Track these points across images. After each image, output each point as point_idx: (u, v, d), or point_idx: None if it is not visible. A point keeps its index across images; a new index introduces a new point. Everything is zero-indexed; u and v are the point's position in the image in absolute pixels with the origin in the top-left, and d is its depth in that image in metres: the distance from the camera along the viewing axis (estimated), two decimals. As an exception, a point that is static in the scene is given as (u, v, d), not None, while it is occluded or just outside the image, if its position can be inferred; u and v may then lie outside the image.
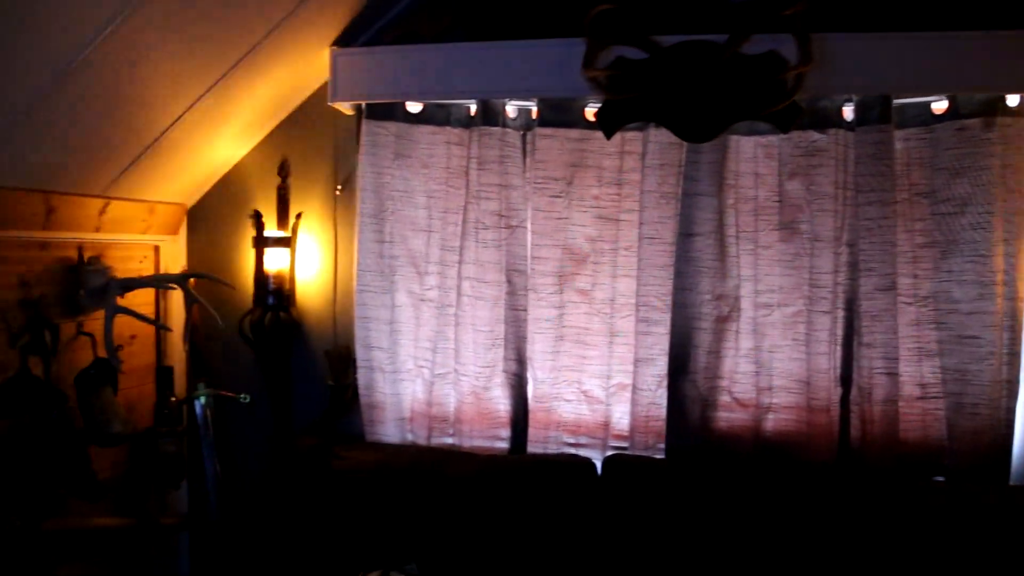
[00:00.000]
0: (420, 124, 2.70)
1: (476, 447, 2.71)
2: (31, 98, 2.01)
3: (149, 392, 2.91)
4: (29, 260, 2.39)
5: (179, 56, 2.25)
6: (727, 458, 2.55)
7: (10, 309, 2.31)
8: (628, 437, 2.64)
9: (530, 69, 2.52)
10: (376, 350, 2.74)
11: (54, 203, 2.39)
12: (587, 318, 2.65)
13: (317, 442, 2.69)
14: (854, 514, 2.26)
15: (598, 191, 2.62)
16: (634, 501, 2.40)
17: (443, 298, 2.72)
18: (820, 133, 2.46)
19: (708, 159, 2.52)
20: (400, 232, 2.73)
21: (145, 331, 2.87)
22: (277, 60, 2.56)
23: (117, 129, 2.36)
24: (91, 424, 2.51)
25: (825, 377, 2.50)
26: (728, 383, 2.57)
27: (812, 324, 2.50)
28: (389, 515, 2.45)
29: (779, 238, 2.53)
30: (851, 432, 2.50)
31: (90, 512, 2.59)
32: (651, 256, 2.55)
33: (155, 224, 2.86)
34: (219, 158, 2.91)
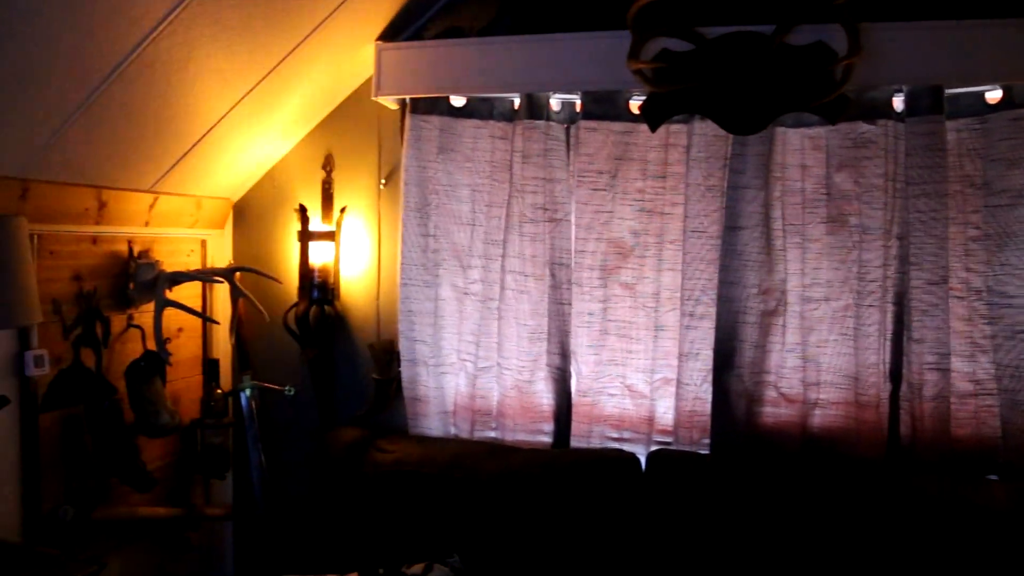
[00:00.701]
0: (464, 118, 2.71)
1: (519, 441, 2.71)
2: (85, 96, 2.05)
3: (196, 384, 2.96)
4: (81, 254, 2.45)
5: (227, 53, 2.28)
6: (773, 454, 2.52)
7: (64, 302, 2.36)
8: (672, 432, 2.62)
9: (574, 62, 2.51)
10: (420, 343, 2.76)
11: (105, 198, 2.43)
12: (631, 312, 2.64)
13: (361, 435, 2.71)
14: (904, 511, 2.22)
15: (642, 184, 2.61)
16: (679, 496, 2.38)
17: (487, 292, 2.73)
18: (869, 124, 2.43)
19: (754, 151, 2.49)
20: (444, 226, 2.74)
21: (192, 324, 2.92)
22: (322, 56, 2.59)
23: (167, 125, 2.40)
24: (140, 415, 2.56)
25: (874, 372, 2.46)
26: (774, 378, 2.54)
27: (860, 318, 2.47)
28: (432, 508, 2.46)
29: (827, 231, 2.49)
30: (901, 429, 2.46)
31: (139, 502, 2.64)
32: (696, 250, 2.53)
33: (202, 218, 2.90)
34: (265, 153, 2.94)
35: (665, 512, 2.38)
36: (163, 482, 2.74)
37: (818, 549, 2.22)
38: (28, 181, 2.14)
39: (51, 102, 2.00)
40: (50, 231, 2.30)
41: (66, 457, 2.39)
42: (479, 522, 2.42)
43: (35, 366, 2.25)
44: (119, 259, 2.57)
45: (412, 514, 2.47)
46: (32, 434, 2.27)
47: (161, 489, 2.73)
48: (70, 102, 2.04)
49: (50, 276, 2.29)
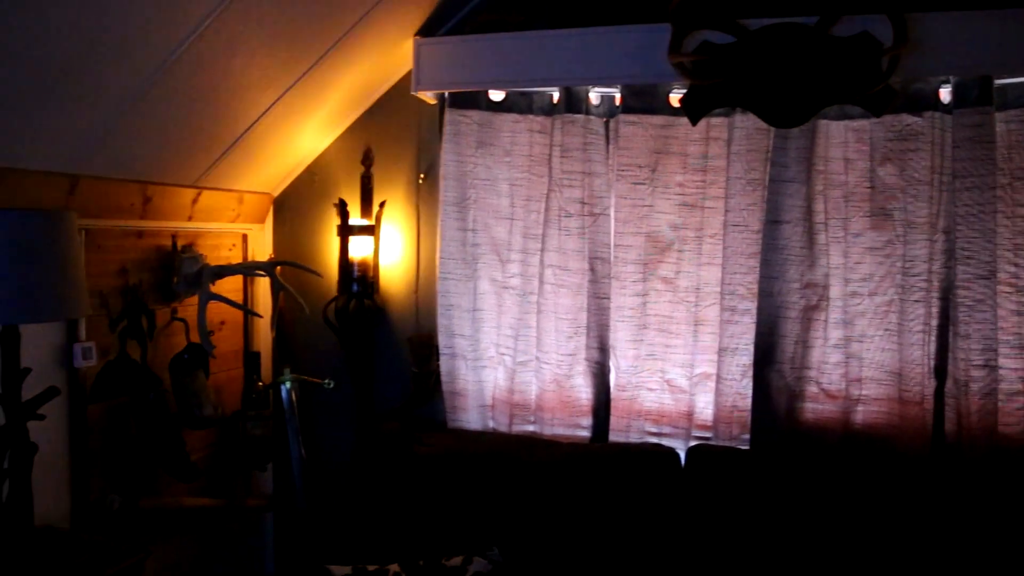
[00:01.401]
0: (502, 112, 2.71)
1: (557, 435, 2.71)
2: (132, 92, 2.09)
3: (237, 377, 2.99)
4: (127, 248, 2.49)
5: (269, 50, 2.30)
6: (814, 449, 2.50)
7: (110, 295, 2.41)
8: (712, 427, 2.61)
9: (614, 56, 2.50)
10: (458, 337, 2.77)
11: (150, 193, 2.47)
12: (671, 306, 2.63)
13: (400, 428, 2.73)
14: (949, 509, 2.19)
15: (682, 178, 2.59)
16: (719, 492, 2.37)
17: (525, 286, 2.73)
18: (915, 116, 2.39)
19: (796, 144, 2.47)
20: (483, 220, 2.75)
21: (234, 317, 2.95)
22: (362, 51, 2.60)
23: (210, 121, 2.44)
24: (184, 407, 2.60)
25: (918, 368, 2.43)
26: (816, 373, 2.51)
27: (905, 313, 2.43)
28: (471, 501, 2.47)
29: (870, 225, 2.46)
30: (946, 426, 2.42)
31: (182, 492, 2.69)
32: (737, 244, 2.51)
33: (243, 213, 2.93)
34: (304, 148, 2.97)
35: (705, 507, 2.36)
36: (205, 473, 2.79)
37: (859, 546, 2.19)
38: (77, 176, 2.18)
39: (99, 99, 2.04)
40: (97, 226, 2.34)
41: (113, 447, 2.44)
42: (518, 515, 2.42)
43: (83, 358, 2.29)
44: (163, 253, 2.61)
45: (451, 507, 2.48)
46: (80, 424, 2.32)
47: (203, 480, 2.77)
48: (118, 98, 2.08)
49: (97, 270, 2.33)
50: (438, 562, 2.24)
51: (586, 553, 2.35)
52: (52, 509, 2.21)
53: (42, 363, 2.16)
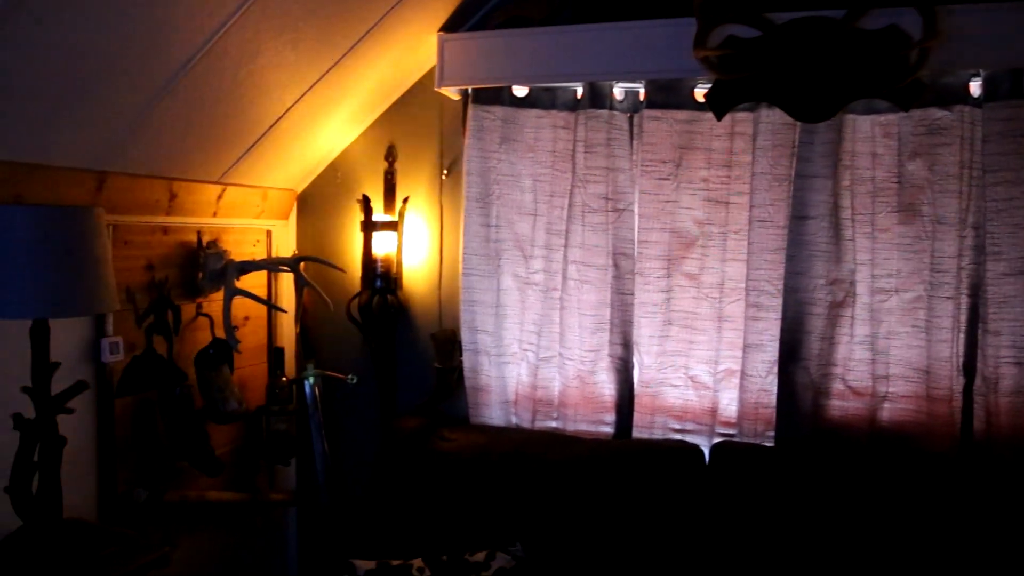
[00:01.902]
0: (526, 108, 2.71)
1: (580, 431, 2.71)
2: (160, 89, 2.11)
3: (261, 372, 3.01)
4: (153, 244, 2.51)
5: (293, 47, 2.31)
6: (840, 447, 2.47)
7: (137, 291, 2.43)
8: (736, 424, 2.59)
9: (638, 50, 2.49)
10: (481, 333, 2.77)
11: (176, 189, 2.49)
12: (695, 302, 2.61)
13: (423, 423, 2.74)
14: (977, 508, 2.16)
15: (707, 173, 2.57)
16: (743, 489, 2.35)
17: (549, 282, 2.73)
18: (944, 110, 2.35)
19: (822, 139, 2.44)
20: (506, 216, 2.75)
21: (258, 313, 2.97)
22: (385, 47, 2.61)
23: (235, 118, 2.45)
24: (209, 401, 2.62)
25: (947, 366, 2.40)
26: (842, 370, 2.49)
27: (933, 310, 2.40)
28: (494, 497, 2.47)
29: (898, 221, 2.43)
30: (974, 424, 2.38)
31: (207, 486, 2.71)
32: (762, 239, 2.49)
33: (267, 209, 2.95)
34: (328, 144, 2.98)
35: (729, 504, 2.35)
36: (230, 467, 2.80)
37: (885, 544, 2.17)
38: (104, 173, 2.20)
39: (127, 96, 2.05)
40: (124, 222, 2.37)
41: (139, 441, 2.47)
42: (541, 511, 2.42)
43: (110, 353, 2.32)
44: (189, 249, 2.63)
45: (474, 502, 2.48)
46: (108, 418, 2.34)
47: (228, 474, 2.79)
48: (145, 95, 2.10)
49: (124, 265, 2.35)
50: (461, 557, 2.24)
51: (609, 550, 2.35)
52: (80, 501, 2.24)
53: (71, 358, 2.19)
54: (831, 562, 2.20)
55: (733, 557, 2.29)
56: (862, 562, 2.18)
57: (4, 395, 1.98)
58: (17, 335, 1.92)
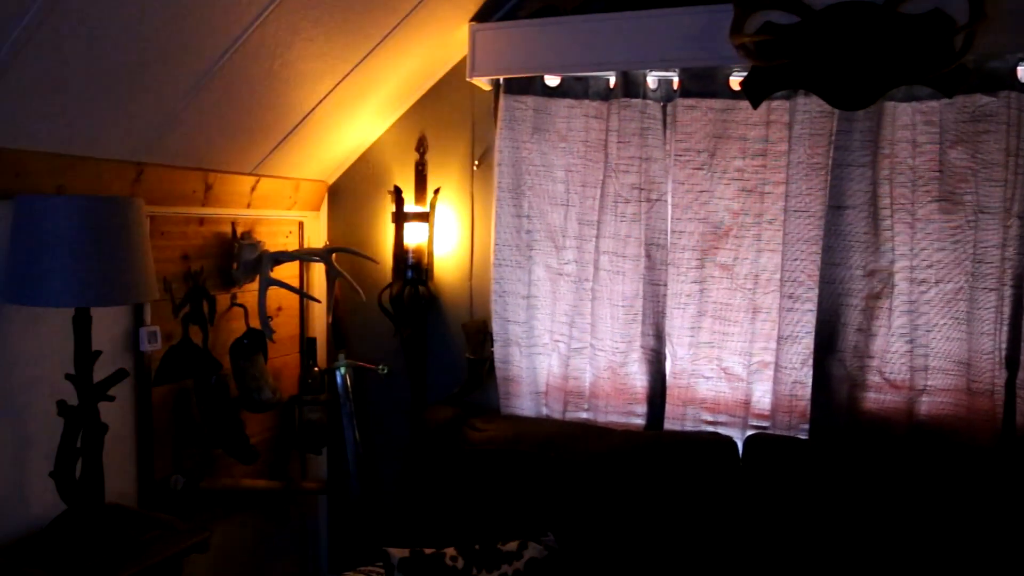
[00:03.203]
0: (558, 98, 2.69)
1: (611, 422, 2.69)
2: (196, 81, 2.13)
3: (294, 362, 3.04)
4: (189, 235, 2.54)
5: (326, 39, 2.32)
6: (876, 440, 2.43)
7: (173, 281, 2.46)
8: (769, 416, 2.56)
9: (672, 38, 2.45)
10: (512, 324, 2.76)
11: (211, 181, 2.52)
12: (728, 293, 2.58)
13: (454, 413, 2.74)
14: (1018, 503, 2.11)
15: (742, 163, 2.54)
16: (777, 481, 2.33)
17: (580, 272, 2.71)
18: (989, 96, 2.29)
19: (861, 127, 2.39)
20: (538, 206, 2.74)
21: (291, 303, 3.00)
22: (417, 38, 2.60)
23: (269, 109, 2.46)
24: (244, 391, 2.65)
25: (988, 359, 2.34)
26: (879, 363, 2.44)
27: (975, 302, 2.35)
28: (525, 487, 2.47)
29: (939, 210, 2.38)
30: (1017, 418, 2.33)
31: (241, 473, 2.74)
32: (798, 230, 2.46)
33: (299, 200, 2.97)
34: (359, 136, 2.99)
35: (763, 497, 2.33)
36: (263, 456, 2.84)
37: (922, 539, 2.14)
38: (143, 164, 2.23)
39: (164, 88, 2.08)
40: (161, 213, 2.40)
41: (176, 429, 2.50)
42: (573, 502, 2.42)
43: (148, 342, 2.35)
44: (223, 240, 2.66)
45: (506, 492, 2.49)
46: (146, 406, 2.38)
47: (261, 462, 2.82)
48: (181, 88, 2.11)
49: (161, 256, 2.38)
50: (493, 546, 2.24)
51: (641, 541, 2.34)
52: (120, 488, 2.28)
53: (111, 346, 2.24)
54: (866, 556, 2.17)
55: (766, 550, 2.27)
56: (898, 556, 2.15)
57: (49, 382, 2.04)
58: (60, 323, 1.97)
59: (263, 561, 2.93)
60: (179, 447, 2.52)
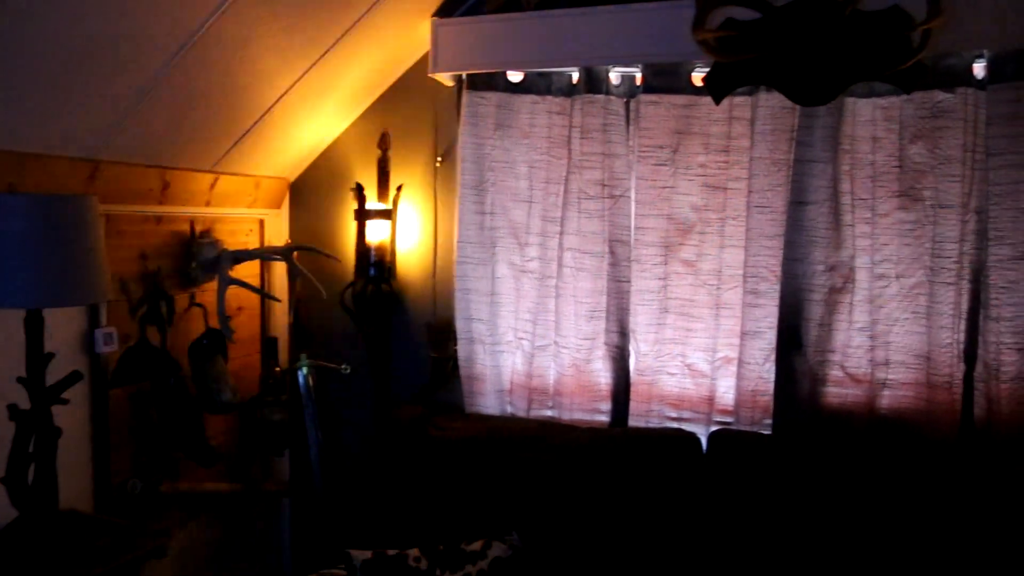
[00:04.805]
0: (521, 94, 2.68)
1: (576, 420, 2.69)
2: (152, 77, 2.08)
3: (254, 362, 3.00)
4: (146, 234, 2.49)
5: (286, 33, 2.28)
6: (838, 434, 2.46)
7: (130, 280, 2.41)
8: (733, 412, 2.57)
9: (635, 34, 2.46)
10: (476, 322, 2.75)
11: (169, 178, 2.47)
12: (692, 289, 2.59)
13: (418, 413, 2.72)
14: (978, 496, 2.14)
15: (705, 159, 2.55)
16: (741, 477, 2.34)
17: (544, 269, 2.70)
18: (947, 92, 2.32)
19: (822, 123, 2.41)
20: (501, 203, 2.72)
21: (251, 303, 2.95)
22: (378, 33, 2.58)
23: (227, 106, 2.42)
24: (204, 392, 2.60)
25: (947, 352, 2.38)
26: (840, 357, 2.47)
27: (934, 296, 2.38)
28: (490, 486, 2.46)
29: (898, 205, 2.40)
30: (975, 411, 2.36)
31: (202, 476, 2.69)
32: (760, 225, 2.47)
33: (260, 198, 2.92)
34: (321, 132, 2.95)
35: (727, 493, 2.34)
36: (224, 458, 2.79)
37: (884, 532, 2.16)
38: (97, 162, 2.18)
39: (119, 85, 2.03)
40: (117, 211, 2.34)
41: (134, 432, 2.45)
42: (538, 500, 2.40)
43: (104, 343, 2.30)
44: (182, 238, 2.61)
45: (471, 491, 2.47)
46: (102, 409, 2.33)
47: (222, 465, 2.77)
48: (137, 83, 2.07)
49: (117, 255, 2.33)
50: (457, 546, 2.23)
51: (606, 538, 2.33)
52: (75, 493, 2.23)
53: (65, 348, 2.17)
54: (830, 551, 2.19)
55: (731, 545, 2.28)
56: (861, 550, 2.17)
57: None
58: (12, 325, 1.91)
59: (225, 565, 2.88)
60: (137, 450, 2.46)
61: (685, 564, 2.29)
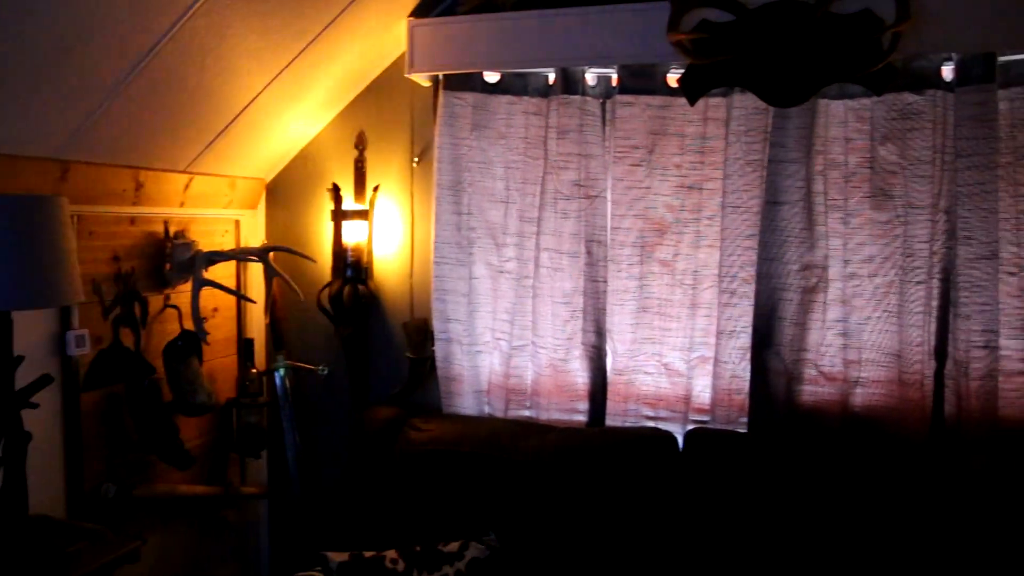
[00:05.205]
0: (498, 94, 2.68)
1: (553, 420, 2.70)
2: (123, 76, 2.06)
3: (231, 364, 2.98)
4: (119, 235, 2.47)
5: (260, 32, 2.27)
6: (813, 432, 2.48)
7: (103, 282, 2.38)
8: (709, 411, 2.59)
9: (611, 35, 2.47)
10: (453, 322, 2.75)
11: (142, 179, 2.44)
12: (668, 289, 2.60)
13: (395, 414, 2.72)
14: (949, 492, 2.18)
15: (680, 159, 2.56)
16: (717, 475, 2.36)
17: (521, 270, 2.71)
18: (916, 95, 2.35)
19: (795, 124, 2.43)
20: (478, 203, 2.72)
21: (227, 304, 2.93)
22: (354, 33, 2.57)
23: (202, 106, 2.40)
24: (178, 394, 2.58)
25: (918, 350, 2.40)
26: (814, 356, 2.49)
27: (905, 295, 2.41)
28: (467, 487, 2.46)
29: (871, 206, 2.43)
30: (945, 408, 2.40)
31: (177, 480, 2.67)
32: (735, 225, 2.49)
33: (236, 199, 2.90)
34: (297, 132, 2.93)
35: (703, 491, 2.35)
36: (200, 461, 2.77)
37: (858, 529, 2.19)
38: (68, 162, 2.15)
39: (89, 83, 2.00)
40: (89, 212, 2.32)
41: (107, 435, 2.43)
42: (515, 500, 2.41)
43: (76, 346, 2.27)
44: (156, 240, 2.59)
45: (448, 492, 2.47)
46: (74, 413, 2.30)
47: (199, 468, 2.76)
48: (108, 82, 2.04)
49: (90, 256, 2.31)
50: (435, 548, 2.23)
51: (583, 538, 2.34)
52: (47, 498, 2.20)
53: (35, 351, 2.15)
54: (804, 548, 2.21)
55: (708, 543, 2.30)
56: (835, 547, 2.19)
57: (-35, 390, 1.94)
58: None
59: (201, 569, 2.86)
60: (111, 454, 2.44)
61: (663, 562, 2.31)
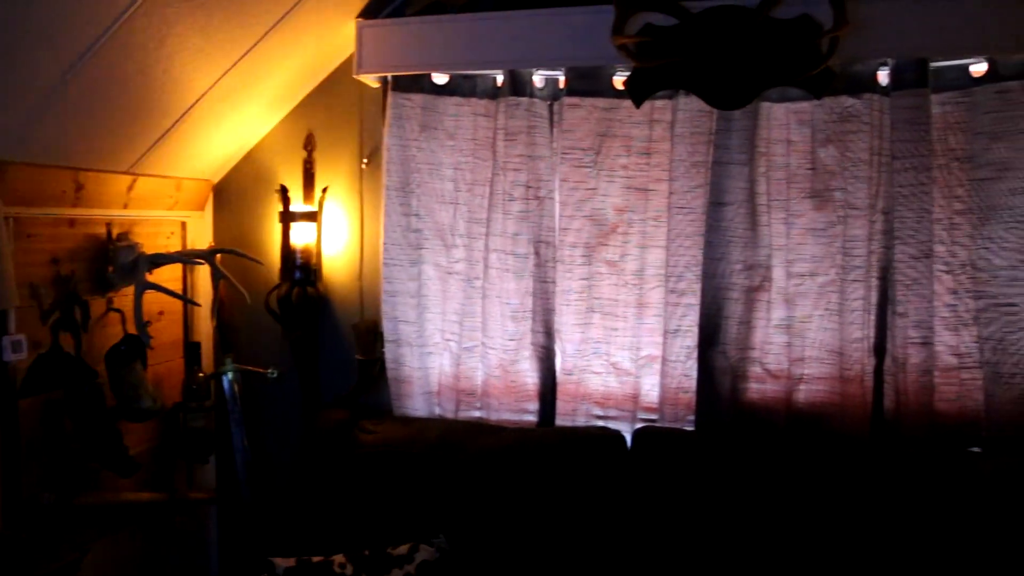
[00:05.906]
0: (446, 96, 2.68)
1: (504, 420, 2.70)
2: (60, 75, 2.01)
3: (177, 368, 2.93)
4: (59, 237, 2.41)
5: (205, 31, 2.24)
6: (759, 430, 2.53)
7: (41, 286, 2.33)
8: (658, 409, 2.62)
9: (558, 38, 2.49)
10: (403, 324, 2.74)
11: (83, 180, 2.39)
12: (615, 289, 2.63)
13: (345, 416, 2.70)
14: (889, 486, 2.23)
15: (626, 161, 2.59)
16: (665, 473, 2.38)
17: (470, 271, 2.71)
18: (854, 98, 2.41)
19: (739, 127, 2.48)
20: (427, 205, 2.72)
21: (173, 307, 2.89)
22: (302, 33, 2.55)
23: (144, 106, 2.36)
24: (122, 399, 2.53)
25: (858, 347, 2.46)
26: (759, 354, 2.54)
27: (845, 293, 2.47)
28: (417, 489, 2.45)
29: (812, 206, 2.49)
30: (885, 403, 2.46)
31: (122, 487, 2.62)
32: (681, 226, 2.52)
33: (182, 200, 2.86)
34: (245, 133, 2.90)
35: (651, 489, 2.38)
36: (146, 467, 2.72)
37: (804, 525, 2.23)
38: (4, 163, 2.10)
39: (25, 81, 1.96)
40: (26, 214, 2.26)
41: (47, 443, 2.37)
42: (464, 502, 2.41)
43: (13, 351, 2.21)
44: (97, 242, 2.53)
45: (397, 495, 2.46)
46: (11, 420, 2.24)
47: (144, 474, 2.70)
48: (45, 81, 2.00)
49: (27, 260, 2.25)
50: (384, 551, 2.22)
51: (534, 537, 2.35)
52: (-19, 508, 2.14)
53: (-33, 357, 2.09)
54: (751, 544, 2.25)
55: (656, 541, 2.32)
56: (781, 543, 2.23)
57: None
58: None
59: (148, 576, 2.81)
60: (50, 462, 2.38)
61: (612, 561, 2.32)
